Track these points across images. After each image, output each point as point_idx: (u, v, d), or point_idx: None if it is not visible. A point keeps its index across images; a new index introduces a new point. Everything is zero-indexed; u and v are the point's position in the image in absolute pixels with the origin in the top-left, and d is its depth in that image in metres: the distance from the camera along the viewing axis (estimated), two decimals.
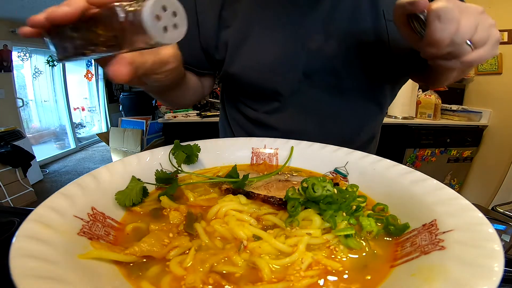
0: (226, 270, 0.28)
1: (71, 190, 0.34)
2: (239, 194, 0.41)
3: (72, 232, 0.29)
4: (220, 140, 0.60)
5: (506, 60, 2.44)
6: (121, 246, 0.31)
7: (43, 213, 0.29)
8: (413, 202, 0.37)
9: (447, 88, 2.66)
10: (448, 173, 2.65)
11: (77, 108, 5.56)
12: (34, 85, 4.51)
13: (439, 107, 2.50)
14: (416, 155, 2.46)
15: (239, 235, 0.33)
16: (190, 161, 0.53)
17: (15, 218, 0.50)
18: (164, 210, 0.39)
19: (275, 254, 0.31)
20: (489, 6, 2.44)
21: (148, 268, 0.29)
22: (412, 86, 2.42)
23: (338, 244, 0.32)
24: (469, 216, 0.29)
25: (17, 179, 2.90)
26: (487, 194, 2.57)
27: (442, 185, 0.36)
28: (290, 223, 0.34)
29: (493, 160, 2.54)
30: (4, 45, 3.60)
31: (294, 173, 0.53)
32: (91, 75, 5.67)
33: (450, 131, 2.48)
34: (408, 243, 0.31)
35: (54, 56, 0.34)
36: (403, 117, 2.45)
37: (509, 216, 0.69)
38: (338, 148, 0.55)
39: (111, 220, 0.36)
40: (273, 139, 0.60)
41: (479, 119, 2.58)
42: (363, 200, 0.40)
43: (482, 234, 0.26)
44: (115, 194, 0.39)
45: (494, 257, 0.22)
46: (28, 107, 4.41)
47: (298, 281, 0.27)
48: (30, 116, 4.51)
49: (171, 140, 0.51)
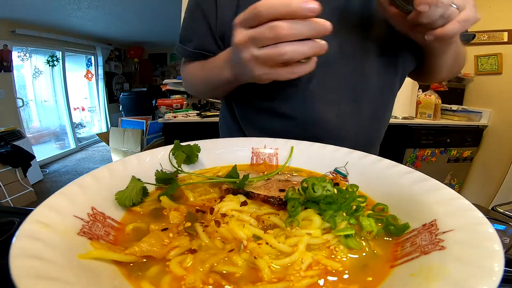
0: (226, 270, 0.28)
1: (71, 190, 0.34)
2: (239, 194, 0.41)
3: (72, 232, 0.29)
4: (220, 140, 0.60)
5: (506, 60, 2.44)
6: (121, 246, 0.31)
7: (43, 213, 0.29)
8: (413, 202, 0.37)
9: (447, 88, 2.66)
10: (448, 173, 2.65)
11: (77, 108, 5.57)
12: (34, 85, 4.51)
13: (439, 107, 2.50)
14: (416, 155, 2.46)
15: (239, 235, 0.33)
16: (190, 161, 0.53)
17: (15, 218, 0.50)
18: (164, 210, 0.39)
19: (275, 254, 0.31)
20: (489, 6, 2.45)
21: (148, 268, 0.29)
22: (412, 86, 2.42)
23: (338, 244, 0.32)
24: (469, 216, 0.29)
25: (17, 179, 2.90)
26: (487, 194, 2.57)
27: (442, 185, 0.36)
28: (290, 223, 0.34)
29: (493, 160, 2.54)
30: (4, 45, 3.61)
31: (294, 173, 0.53)
32: (91, 75, 5.68)
33: (450, 131, 2.49)
34: (408, 243, 0.31)
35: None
36: (403, 117, 2.46)
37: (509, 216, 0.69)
38: (338, 148, 0.55)
39: (111, 220, 0.36)
40: (273, 139, 0.60)
41: (479, 119, 2.58)
42: (363, 200, 0.40)
43: (482, 234, 0.26)
44: (115, 194, 0.39)
45: (494, 257, 0.22)
46: (28, 107, 4.41)
47: (298, 281, 0.27)
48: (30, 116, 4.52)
49: (171, 140, 0.51)
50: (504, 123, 2.48)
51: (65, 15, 3.85)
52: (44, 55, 4.51)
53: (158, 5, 3.63)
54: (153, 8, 3.76)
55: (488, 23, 2.47)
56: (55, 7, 3.49)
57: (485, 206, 1.26)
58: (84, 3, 3.50)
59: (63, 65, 4.83)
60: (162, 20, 4.17)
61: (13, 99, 3.81)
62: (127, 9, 3.84)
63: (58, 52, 4.69)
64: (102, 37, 5.50)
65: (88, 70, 5.63)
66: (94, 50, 5.51)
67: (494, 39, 2.48)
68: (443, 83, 2.65)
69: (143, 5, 3.66)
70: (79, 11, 3.80)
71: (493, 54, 2.50)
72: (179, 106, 2.47)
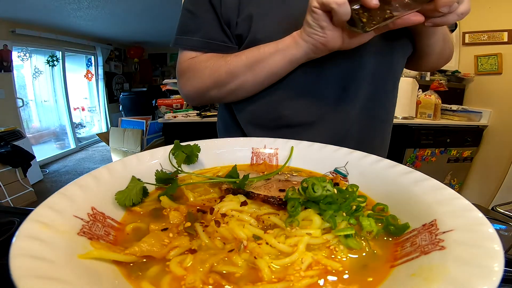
0: (226, 270, 0.28)
1: (71, 190, 0.34)
2: (239, 194, 0.41)
3: (72, 232, 0.29)
4: (220, 140, 0.60)
5: (506, 60, 2.44)
6: (121, 246, 0.31)
7: (43, 213, 0.29)
8: (413, 202, 0.37)
9: (447, 88, 2.66)
10: (448, 173, 2.65)
11: (77, 108, 5.57)
12: (34, 85, 4.51)
13: (439, 107, 2.50)
14: (416, 155, 2.46)
15: (239, 235, 0.33)
16: (190, 161, 0.53)
17: (15, 218, 0.50)
18: (164, 210, 0.39)
19: (275, 254, 0.31)
20: (489, 6, 2.45)
21: (148, 268, 0.29)
22: (412, 86, 2.43)
23: (338, 244, 0.32)
24: (469, 216, 0.29)
25: (17, 179, 2.90)
26: (487, 194, 2.57)
27: (442, 185, 0.36)
28: (290, 223, 0.34)
29: (493, 160, 2.54)
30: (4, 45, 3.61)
31: (294, 173, 0.53)
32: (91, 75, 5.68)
33: (450, 131, 2.48)
34: (408, 243, 0.31)
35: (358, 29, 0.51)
36: (403, 117, 2.45)
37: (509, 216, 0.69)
38: (338, 148, 0.55)
39: (111, 220, 0.36)
40: (273, 139, 0.60)
41: (479, 119, 2.58)
42: (363, 200, 0.40)
43: (482, 234, 0.26)
44: (115, 194, 0.39)
45: (494, 257, 0.22)
46: (28, 107, 4.41)
47: (298, 281, 0.27)
48: (30, 116, 4.52)
49: (171, 140, 0.51)
50: (504, 123, 2.48)
51: (65, 15, 3.85)
52: (44, 55, 4.51)
53: (158, 5, 3.63)
54: (153, 8, 3.76)
55: (488, 23, 2.48)
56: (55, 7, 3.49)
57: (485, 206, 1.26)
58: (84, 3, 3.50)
59: (63, 65, 4.83)
60: (162, 20, 4.16)
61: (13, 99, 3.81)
62: (127, 9, 3.84)
63: (58, 52, 4.69)
64: (102, 37, 5.51)
65: (88, 70, 5.63)
66: (94, 50, 5.52)
67: (494, 39, 2.48)
68: (443, 84, 2.65)
69: (143, 5, 3.66)
70: (79, 11, 3.80)
71: (493, 54, 2.50)
72: (179, 106, 2.47)
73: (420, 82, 2.63)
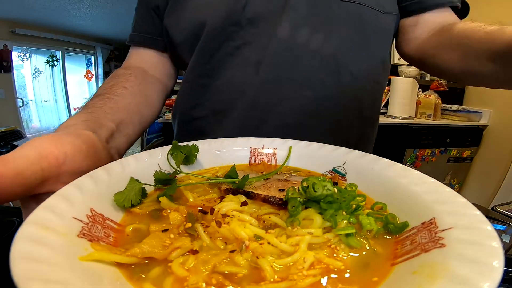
0: (228, 271, 0.28)
1: (70, 192, 0.34)
2: (239, 194, 0.41)
3: (72, 234, 0.29)
4: (219, 140, 0.60)
5: None
6: (122, 248, 0.30)
7: (42, 214, 0.28)
8: (411, 200, 0.37)
9: (447, 88, 2.66)
10: (448, 173, 2.65)
11: (77, 108, 5.54)
12: (34, 85, 4.51)
13: (439, 107, 2.50)
14: (416, 155, 2.46)
15: (241, 235, 0.33)
16: (189, 161, 0.53)
17: (15, 218, 0.50)
18: (164, 211, 0.39)
19: (277, 254, 0.31)
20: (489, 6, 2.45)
21: (150, 269, 0.29)
22: (412, 86, 2.43)
23: (339, 243, 0.32)
24: (467, 214, 0.29)
25: None
26: (487, 194, 2.57)
27: (439, 184, 0.37)
28: (291, 223, 0.34)
29: (493, 160, 2.54)
30: (4, 45, 3.61)
31: (292, 172, 0.53)
32: (91, 75, 5.67)
33: (450, 131, 2.49)
34: (408, 241, 0.31)
35: None
36: (403, 117, 2.46)
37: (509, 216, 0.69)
38: (336, 148, 0.55)
39: (110, 221, 0.35)
40: (271, 139, 0.60)
41: (479, 119, 2.58)
42: (363, 199, 0.40)
43: (480, 231, 0.26)
44: (114, 195, 0.38)
45: (494, 254, 0.23)
46: (28, 107, 4.41)
47: (301, 280, 0.27)
48: (30, 116, 4.51)
49: (171, 140, 0.51)
50: (504, 123, 2.48)
51: (65, 15, 3.85)
52: (44, 55, 4.51)
53: None
54: None
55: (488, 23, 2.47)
56: (55, 7, 3.49)
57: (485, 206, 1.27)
58: (84, 3, 3.50)
59: (63, 65, 4.83)
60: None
61: (13, 99, 3.82)
62: (127, 9, 3.84)
63: (58, 52, 4.69)
64: (102, 37, 5.50)
65: (88, 70, 5.63)
66: (94, 50, 5.51)
67: None
68: (443, 83, 2.65)
69: None
70: (79, 11, 3.80)
71: None
72: None
73: (420, 82, 2.63)
